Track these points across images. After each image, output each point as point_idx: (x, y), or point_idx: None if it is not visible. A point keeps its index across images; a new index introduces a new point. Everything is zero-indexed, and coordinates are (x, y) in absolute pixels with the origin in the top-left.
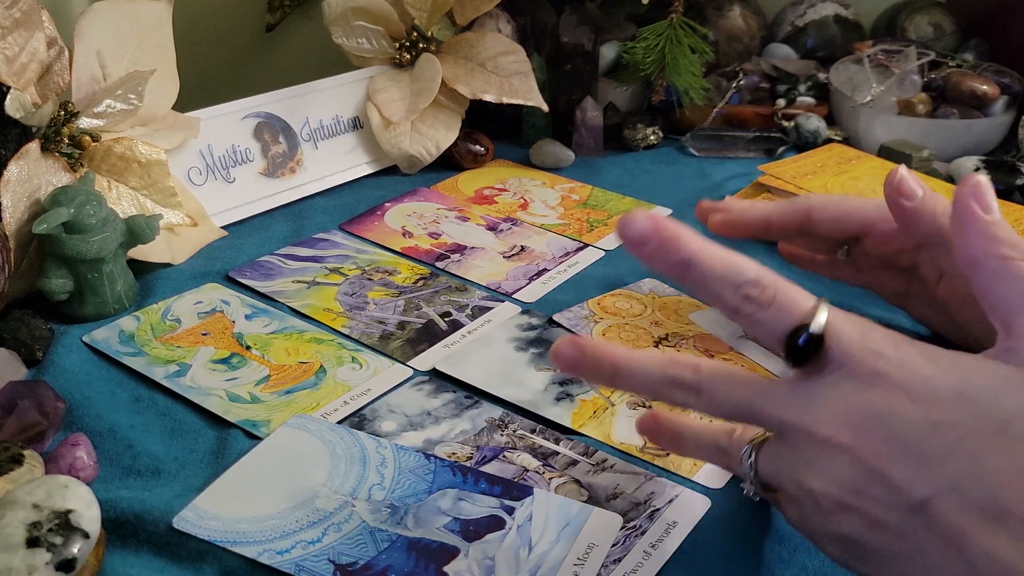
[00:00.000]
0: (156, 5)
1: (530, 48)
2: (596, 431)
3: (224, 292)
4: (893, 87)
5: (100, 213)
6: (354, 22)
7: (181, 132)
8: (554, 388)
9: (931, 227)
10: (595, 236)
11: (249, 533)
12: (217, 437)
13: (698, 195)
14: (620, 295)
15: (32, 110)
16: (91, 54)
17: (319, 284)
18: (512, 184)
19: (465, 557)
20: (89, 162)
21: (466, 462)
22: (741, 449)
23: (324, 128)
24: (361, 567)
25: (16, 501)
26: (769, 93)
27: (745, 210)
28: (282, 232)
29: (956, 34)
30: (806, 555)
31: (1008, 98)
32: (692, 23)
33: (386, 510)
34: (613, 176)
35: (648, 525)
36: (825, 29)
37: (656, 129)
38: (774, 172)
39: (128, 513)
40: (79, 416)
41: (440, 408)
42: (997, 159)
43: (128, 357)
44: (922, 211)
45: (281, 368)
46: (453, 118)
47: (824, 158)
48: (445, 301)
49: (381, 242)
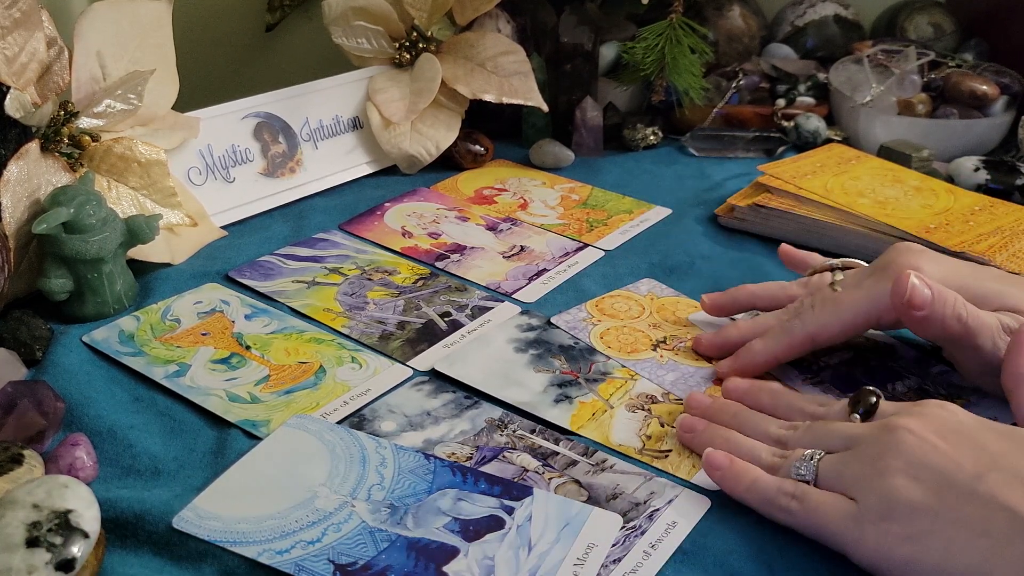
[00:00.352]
0: (156, 5)
1: (530, 48)
2: (595, 433)
3: (224, 292)
4: (893, 87)
5: (100, 213)
6: (354, 22)
7: (181, 132)
8: (553, 390)
9: (941, 331)
10: (595, 236)
11: (249, 533)
12: (217, 437)
13: (698, 195)
14: (618, 296)
15: (32, 110)
16: (91, 54)
17: (319, 284)
18: (512, 184)
19: (465, 557)
20: (89, 162)
21: (466, 462)
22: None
23: (324, 128)
24: (361, 567)
25: (16, 501)
26: (769, 93)
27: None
28: (282, 232)
29: (956, 34)
30: (806, 555)
31: (1008, 98)
32: (692, 23)
33: (386, 510)
34: (613, 176)
35: (648, 525)
36: (825, 29)
37: (656, 129)
38: (774, 172)
39: (128, 513)
40: (79, 416)
41: (440, 408)
42: (997, 159)
43: (128, 357)
44: (932, 318)
45: (281, 368)
46: (453, 118)
47: (824, 158)
48: (445, 301)
49: (381, 242)
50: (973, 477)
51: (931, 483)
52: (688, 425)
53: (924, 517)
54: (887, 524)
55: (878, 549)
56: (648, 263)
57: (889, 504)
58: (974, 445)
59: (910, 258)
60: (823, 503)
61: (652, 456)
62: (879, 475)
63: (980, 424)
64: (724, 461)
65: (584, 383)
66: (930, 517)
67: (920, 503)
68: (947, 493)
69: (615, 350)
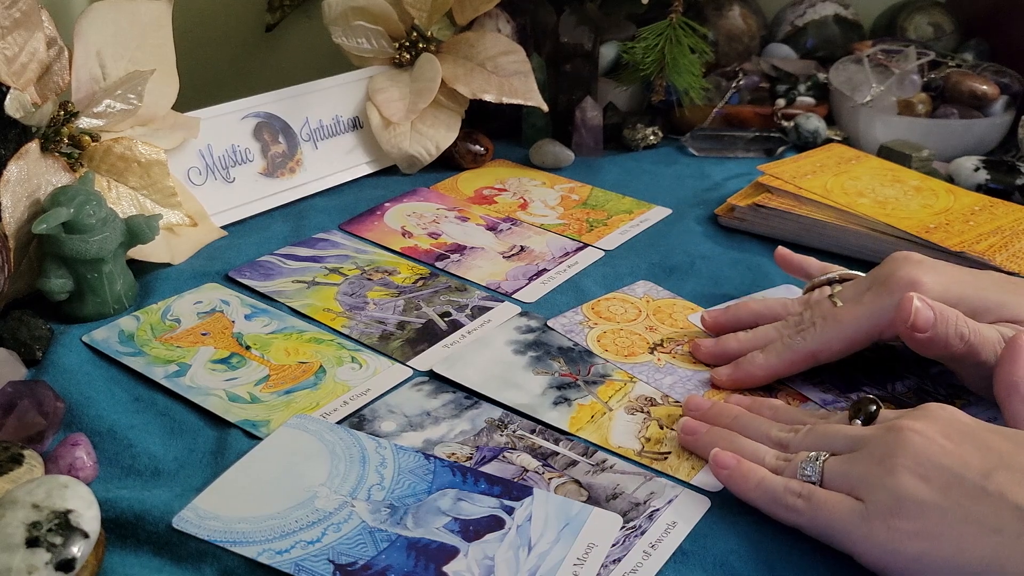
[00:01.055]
0: (156, 5)
1: (530, 48)
2: (594, 435)
3: (224, 292)
4: (893, 87)
5: (100, 213)
6: (354, 22)
7: (181, 132)
8: (552, 392)
9: (944, 351)
10: (595, 236)
11: (249, 533)
12: (217, 437)
13: (698, 195)
14: (614, 299)
15: (32, 110)
16: (91, 54)
17: (319, 284)
18: (512, 184)
19: (465, 557)
20: (89, 162)
21: (466, 462)
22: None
23: (324, 128)
24: (361, 567)
25: (16, 501)
26: (769, 93)
27: (752, 370)
28: (282, 232)
29: (956, 34)
30: (806, 555)
31: (1008, 98)
32: (692, 23)
33: (386, 510)
34: (613, 176)
35: (648, 525)
36: (825, 29)
37: (656, 129)
38: (774, 172)
39: (128, 513)
40: (79, 416)
41: (440, 408)
42: (997, 159)
43: (128, 357)
44: (936, 339)
45: (281, 368)
46: (453, 118)
47: (824, 158)
48: (445, 301)
49: (381, 242)
50: (981, 475)
51: (940, 481)
52: (690, 428)
53: (933, 514)
54: (896, 520)
55: (887, 546)
56: (648, 263)
57: (898, 501)
58: (979, 445)
59: (910, 270)
60: (830, 501)
61: (651, 458)
62: (888, 473)
63: (982, 426)
64: (731, 461)
65: (583, 385)
66: (939, 514)
67: (929, 501)
68: (956, 491)
69: (612, 353)
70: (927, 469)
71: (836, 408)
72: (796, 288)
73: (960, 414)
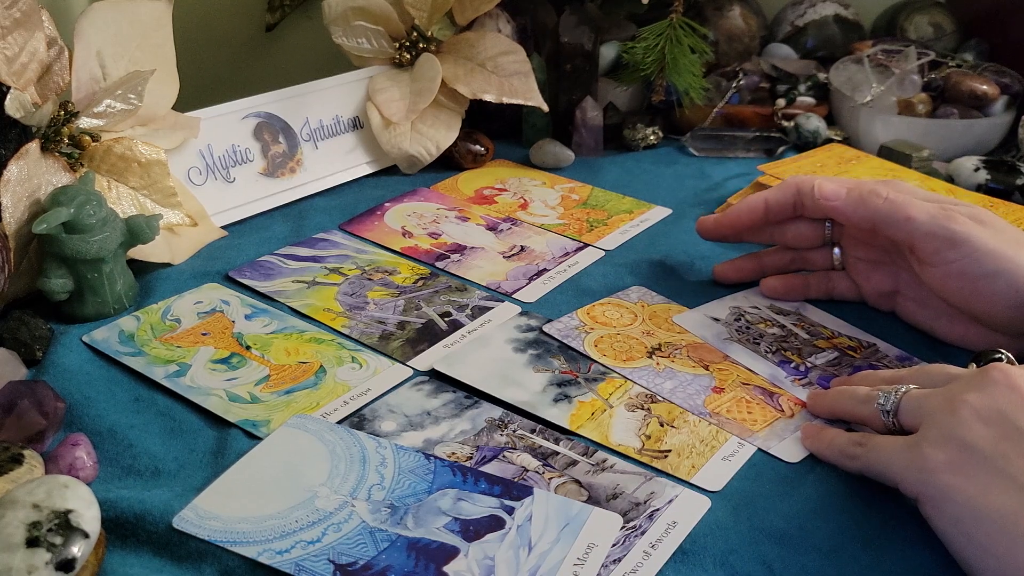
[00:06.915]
0: (156, 5)
1: (530, 48)
2: (594, 433)
3: (224, 292)
4: (893, 87)
5: (100, 213)
6: (354, 22)
7: (181, 132)
8: (552, 389)
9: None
10: (595, 236)
11: (249, 533)
12: (217, 437)
13: (698, 195)
14: (609, 304)
15: (32, 110)
16: (91, 54)
17: (319, 284)
18: (512, 184)
19: (465, 557)
20: (89, 162)
21: (466, 462)
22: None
23: (324, 128)
24: (361, 567)
25: (16, 501)
26: (769, 93)
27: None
28: (282, 232)
29: (956, 34)
30: (806, 555)
31: (1008, 98)
32: (692, 23)
33: (386, 510)
34: (613, 176)
35: (648, 525)
36: (825, 29)
37: (656, 129)
38: (774, 172)
39: (128, 513)
40: (79, 416)
41: (440, 408)
42: (997, 159)
43: (128, 357)
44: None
45: (281, 368)
46: (453, 118)
47: (824, 158)
48: (445, 301)
49: (381, 242)
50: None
51: (996, 428)
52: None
53: (976, 455)
54: (935, 450)
55: (921, 472)
56: (648, 263)
57: (946, 436)
58: None
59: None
60: (883, 442)
61: (651, 456)
62: (952, 411)
63: None
64: (815, 430)
65: (583, 382)
66: (980, 457)
67: (978, 444)
68: (1006, 443)
69: (610, 358)
70: (991, 413)
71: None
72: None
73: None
